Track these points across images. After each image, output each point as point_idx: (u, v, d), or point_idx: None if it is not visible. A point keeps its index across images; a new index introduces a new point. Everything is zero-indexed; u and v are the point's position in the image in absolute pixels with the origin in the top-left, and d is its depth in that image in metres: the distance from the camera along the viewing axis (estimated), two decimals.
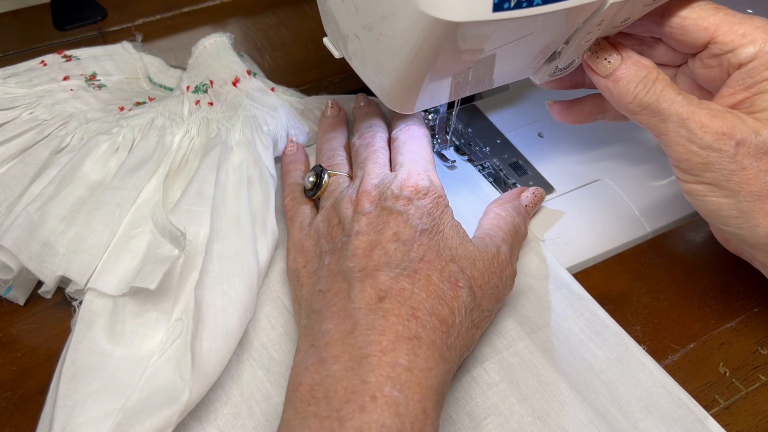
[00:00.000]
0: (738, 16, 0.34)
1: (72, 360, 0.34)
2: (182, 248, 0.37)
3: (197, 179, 0.41)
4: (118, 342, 0.35)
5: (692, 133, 0.33)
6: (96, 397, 0.32)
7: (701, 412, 0.35)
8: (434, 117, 0.49)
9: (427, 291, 0.33)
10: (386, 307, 0.32)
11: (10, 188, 0.42)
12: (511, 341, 0.38)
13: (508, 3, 0.28)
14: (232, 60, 0.50)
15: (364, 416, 0.28)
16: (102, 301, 0.37)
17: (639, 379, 0.37)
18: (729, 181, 0.33)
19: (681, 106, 0.33)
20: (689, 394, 0.36)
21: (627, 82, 0.35)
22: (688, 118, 0.33)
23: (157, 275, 0.35)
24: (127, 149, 0.44)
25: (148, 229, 0.39)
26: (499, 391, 0.36)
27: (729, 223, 0.35)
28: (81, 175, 0.41)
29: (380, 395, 0.28)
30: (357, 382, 0.29)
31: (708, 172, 0.34)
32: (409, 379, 0.29)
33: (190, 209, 0.39)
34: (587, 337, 0.39)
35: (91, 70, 0.53)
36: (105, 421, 0.31)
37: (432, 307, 0.32)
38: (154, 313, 0.36)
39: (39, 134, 0.45)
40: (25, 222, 0.38)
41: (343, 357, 0.30)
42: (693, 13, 0.34)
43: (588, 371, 0.37)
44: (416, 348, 0.30)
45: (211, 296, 0.35)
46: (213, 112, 0.47)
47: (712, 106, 0.34)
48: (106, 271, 0.38)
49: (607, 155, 0.51)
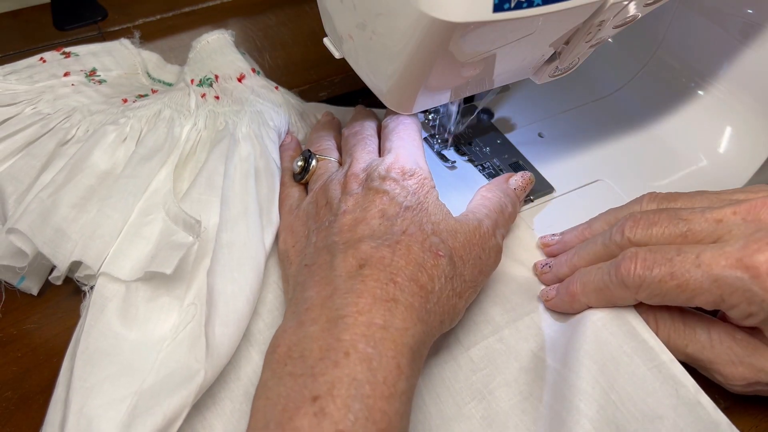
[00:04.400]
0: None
1: (86, 344, 0.34)
2: (197, 235, 0.37)
3: (207, 169, 0.42)
4: (131, 326, 0.36)
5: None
6: (113, 381, 0.33)
7: (693, 385, 0.35)
8: (434, 117, 0.49)
9: (407, 259, 0.34)
10: (365, 273, 0.33)
11: (19, 180, 0.42)
12: (497, 327, 0.39)
13: (508, 3, 0.28)
14: (235, 57, 0.51)
15: (337, 371, 0.28)
16: (114, 286, 0.37)
17: (631, 361, 0.36)
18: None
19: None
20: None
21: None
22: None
23: (173, 260, 0.35)
24: (134, 139, 0.45)
25: (160, 216, 0.40)
26: (483, 376, 0.37)
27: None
28: (90, 164, 0.42)
29: (353, 351, 0.29)
30: (332, 341, 0.30)
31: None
32: (383, 337, 0.30)
33: (201, 198, 0.40)
34: (572, 326, 0.38)
35: (91, 65, 0.53)
36: (122, 404, 0.32)
37: (411, 273, 0.33)
38: (167, 299, 0.37)
39: (43, 128, 0.45)
40: (38, 207, 0.38)
41: (321, 319, 0.31)
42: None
43: (576, 361, 0.36)
44: (393, 309, 0.31)
45: (222, 283, 0.36)
46: (220, 105, 0.48)
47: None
48: (119, 256, 0.38)
49: (607, 155, 0.51)
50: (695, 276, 0.32)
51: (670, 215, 0.35)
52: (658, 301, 0.35)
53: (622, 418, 0.34)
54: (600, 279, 0.36)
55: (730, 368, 0.34)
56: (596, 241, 0.38)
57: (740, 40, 0.48)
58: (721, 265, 0.31)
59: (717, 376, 0.35)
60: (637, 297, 0.35)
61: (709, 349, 0.35)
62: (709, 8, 0.49)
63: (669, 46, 0.53)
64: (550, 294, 0.40)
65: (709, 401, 0.34)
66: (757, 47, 0.47)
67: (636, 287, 0.34)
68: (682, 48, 0.52)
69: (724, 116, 0.51)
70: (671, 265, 0.33)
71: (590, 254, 0.38)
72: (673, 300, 0.34)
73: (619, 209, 0.40)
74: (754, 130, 0.49)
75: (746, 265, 0.31)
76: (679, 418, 0.34)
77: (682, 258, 0.33)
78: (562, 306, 0.39)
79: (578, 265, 0.39)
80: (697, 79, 0.52)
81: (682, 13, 0.51)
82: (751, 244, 0.31)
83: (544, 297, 0.40)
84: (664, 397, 0.34)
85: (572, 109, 0.56)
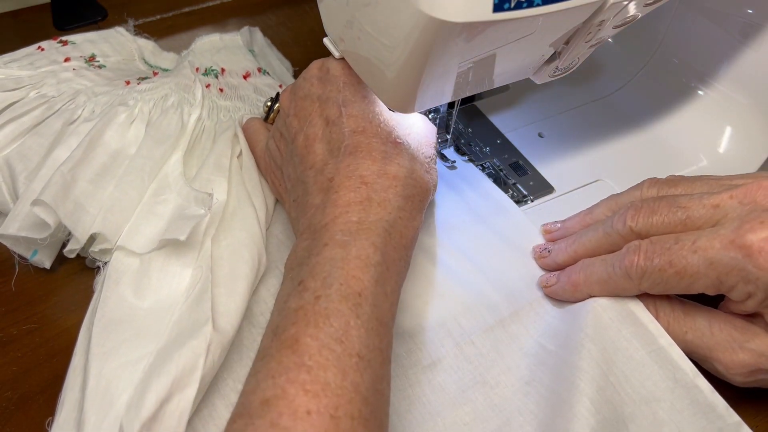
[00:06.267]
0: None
1: (102, 312, 0.36)
2: (208, 207, 0.40)
3: (215, 153, 0.45)
4: (145, 296, 0.38)
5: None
6: (129, 344, 0.35)
7: (691, 369, 0.35)
8: (434, 117, 0.49)
9: (371, 157, 0.36)
10: (336, 184, 0.35)
11: (28, 158, 0.44)
12: (499, 314, 0.39)
13: (508, 3, 0.28)
14: (245, 56, 0.53)
15: (318, 258, 0.32)
16: (129, 260, 0.39)
17: (630, 345, 0.36)
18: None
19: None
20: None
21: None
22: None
23: (186, 228, 0.38)
24: (143, 121, 0.46)
25: (171, 197, 0.42)
26: (486, 362, 0.37)
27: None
28: (103, 142, 0.44)
29: (331, 242, 0.33)
30: (315, 243, 0.34)
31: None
32: (358, 228, 0.33)
33: (210, 178, 0.43)
34: (572, 313, 0.38)
35: (90, 51, 0.54)
36: (138, 364, 0.34)
37: (379, 169, 0.36)
38: (179, 268, 0.39)
39: (49, 109, 0.47)
40: (60, 180, 0.40)
41: (307, 233, 0.35)
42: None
43: (577, 344, 0.36)
44: (367, 207, 0.35)
45: (218, 250, 0.39)
46: (222, 99, 0.50)
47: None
48: (133, 231, 0.40)
49: (607, 155, 0.51)
50: (692, 261, 0.33)
51: (670, 203, 0.36)
52: (661, 290, 0.35)
53: (620, 400, 0.34)
54: (604, 270, 0.37)
55: (730, 355, 0.35)
56: (597, 229, 0.39)
57: (740, 40, 0.48)
58: (716, 248, 0.32)
59: (717, 366, 0.35)
60: (641, 288, 0.36)
61: (709, 336, 0.35)
62: (709, 8, 0.49)
63: (669, 46, 0.53)
64: (551, 281, 0.40)
65: (706, 384, 0.34)
66: (757, 47, 0.47)
67: (639, 278, 0.35)
68: (682, 48, 0.52)
69: (724, 116, 0.51)
70: (670, 253, 0.34)
71: (591, 241, 0.39)
72: (674, 287, 0.34)
73: (620, 195, 0.41)
74: (753, 130, 0.49)
75: (739, 245, 0.32)
76: (676, 400, 0.34)
77: (680, 246, 0.34)
78: (563, 294, 0.39)
79: (578, 252, 0.39)
80: (697, 79, 0.52)
81: (682, 13, 0.51)
82: (744, 224, 0.32)
83: (544, 283, 0.40)
84: (662, 380, 0.35)
85: (572, 109, 0.56)
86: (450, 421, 0.35)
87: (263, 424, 0.26)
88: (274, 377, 0.28)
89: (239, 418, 0.28)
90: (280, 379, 0.28)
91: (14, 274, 0.41)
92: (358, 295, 0.31)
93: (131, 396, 0.32)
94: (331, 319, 0.29)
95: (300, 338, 0.29)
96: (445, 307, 0.39)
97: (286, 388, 0.27)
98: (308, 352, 0.28)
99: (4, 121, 0.45)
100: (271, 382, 0.28)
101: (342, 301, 0.30)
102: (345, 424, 0.27)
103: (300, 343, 0.29)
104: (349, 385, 0.28)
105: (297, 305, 0.31)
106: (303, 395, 0.27)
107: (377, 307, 0.31)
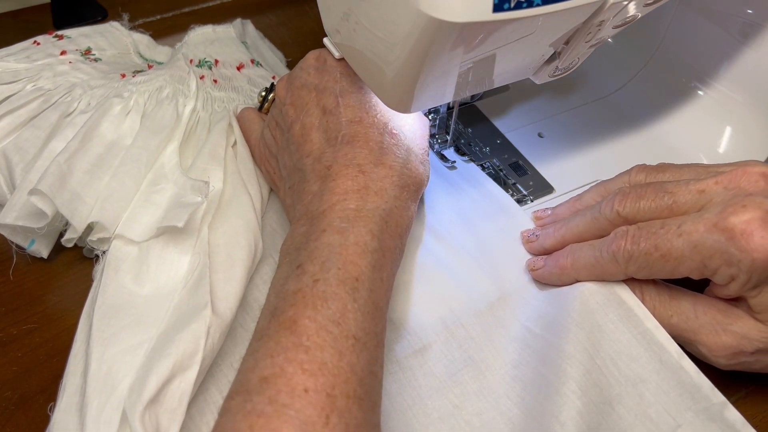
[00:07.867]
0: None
1: (102, 300, 0.36)
2: (205, 195, 0.40)
3: (210, 142, 0.45)
4: (144, 283, 0.38)
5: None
6: (129, 330, 0.35)
7: (676, 351, 0.36)
8: (434, 117, 0.49)
9: (368, 147, 0.37)
10: (334, 172, 0.36)
11: (25, 150, 0.44)
12: (488, 300, 0.39)
13: (508, 3, 0.28)
14: (238, 48, 0.54)
15: (316, 243, 0.33)
16: (128, 248, 0.40)
17: (616, 328, 0.36)
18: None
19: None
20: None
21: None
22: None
23: (183, 215, 0.38)
24: (138, 113, 0.47)
25: (168, 186, 0.43)
26: (475, 345, 0.37)
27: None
28: (99, 133, 0.44)
29: (329, 228, 0.34)
30: (313, 229, 0.34)
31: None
32: (356, 216, 0.34)
33: (206, 167, 0.43)
34: (559, 297, 0.39)
35: (85, 45, 0.55)
36: (139, 349, 0.34)
37: (376, 158, 0.36)
38: (177, 255, 0.39)
39: (45, 102, 0.47)
40: (56, 171, 0.40)
41: (305, 219, 0.36)
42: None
43: (564, 328, 0.37)
44: (365, 196, 0.35)
45: (215, 237, 0.40)
46: (217, 90, 0.51)
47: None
48: (131, 220, 0.41)
49: (607, 155, 0.51)
50: (677, 245, 0.34)
51: (657, 189, 0.36)
52: (647, 275, 0.36)
53: (607, 382, 0.35)
54: (591, 255, 0.37)
55: (714, 337, 0.35)
56: (585, 214, 0.39)
57: (740, 40, 0.48)
58: (700, 231, 0.33)
59: (701, 348, 0.36)
60: (627, 272, 0.36)
61: (694, 319, 0.36)
62: (709, 8, 0.49)
63: (669, 46, 0.53)
64: (538, 264, 0.40)
65: (691, 365, 0.35)
66: (757, 47, 0.47)
67: (625, 262, 0.36)
68: (682, 48, 0.52)
69: (724, 116, 0.51)
70: (656, 237, 0.34)
71: (579, 226, 0.39)
72: (659, 271, 0.35)
73: (609, 181, 0.41)
74: (753, 130, 0.49)
75: (722, 228, 0.32)
76: (662, 381, 0.35)
77: (666, 230, 0.34)
78: (549, 278, 0.40)
79: (566, 237, 0.40)
80: (697, 79, 0.52)
81: (682, 13, 0.51)
82: (727, 208, 0.33)
83: (531, 267, 0.41)
84: (648, 361, 0.35)
85: (572, 109, 0.56)
86: (440, 404, 0.35)
87: (261, 401, 0.27)
88: (272, 356, 0.28)
89: (237, 395, 0.28)
90: (278, 358, 0.28)
91: (12, 264, 0.41)
92: (356, 280, 0.32)
93: (133, 379, 0.32)
94: (329, 302, 0.30)
95: (298, 320, 0.30)
96: (437, 294, 0.40)
97: (285, 366, 0.28)
98: (306, 332, 0.29)
99: (1, 114, 0.45)
100: (269, 361, 0.28)
101: (340, 285, 0.31)
102: (341, 403, 0.28)
103: (298, 324, 0.29)
104: (346, 365, 0.29)
105: (295, 288, 0.31)
106: (301, 374, 0.28)
107: (373, 292, 0.32)
